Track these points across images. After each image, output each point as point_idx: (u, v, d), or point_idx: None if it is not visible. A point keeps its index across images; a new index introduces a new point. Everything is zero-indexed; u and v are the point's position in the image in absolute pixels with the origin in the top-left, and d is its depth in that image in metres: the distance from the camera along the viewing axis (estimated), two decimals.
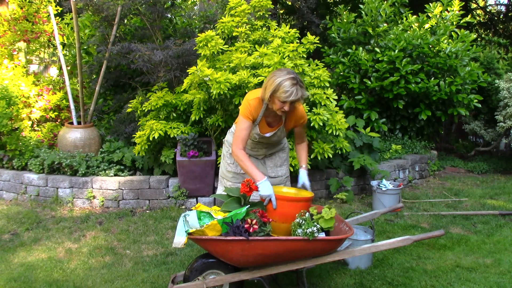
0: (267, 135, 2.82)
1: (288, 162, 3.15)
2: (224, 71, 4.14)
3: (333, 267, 3.27)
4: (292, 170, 4.30)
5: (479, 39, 9.22)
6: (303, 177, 2.89)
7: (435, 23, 6.39)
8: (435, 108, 6.29)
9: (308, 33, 4.83)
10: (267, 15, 4.92)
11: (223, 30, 4.75)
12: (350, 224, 2.69)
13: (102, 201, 4.61)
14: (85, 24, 6.00)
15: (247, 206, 2.52)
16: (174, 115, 4.69)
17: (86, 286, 3.01)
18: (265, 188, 2.52)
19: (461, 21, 6.36)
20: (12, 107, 5.07)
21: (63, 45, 6.19)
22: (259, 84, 4.08)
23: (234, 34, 4.74)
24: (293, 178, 4.81)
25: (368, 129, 5.57)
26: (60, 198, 4.66)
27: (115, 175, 4.76)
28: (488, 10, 12.37)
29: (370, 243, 3.05)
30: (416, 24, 6.30)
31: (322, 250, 2.49)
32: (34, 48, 6.22)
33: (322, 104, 4.35)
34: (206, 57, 4.42)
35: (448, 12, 6.37)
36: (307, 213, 2.54)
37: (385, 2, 6.20)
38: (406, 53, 5.97)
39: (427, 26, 6.37)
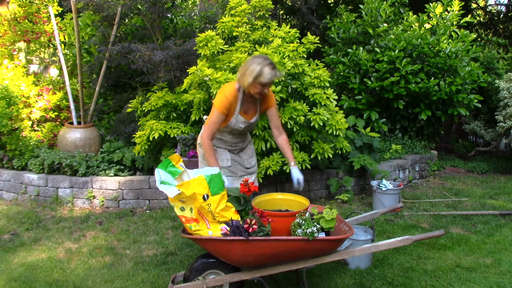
0: (253, 120, 3.01)
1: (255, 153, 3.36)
2: (224, 71, 4.14)
3: (333, 267, 3.27)
4: None
5: (479, 39, 9.22)
6: (296, 173, 3.07)
7: (435, 23, 6.39)
8: (435, 108, 6.29)
9: (308, 33, 4.83)
10: (267, 15, 4.92)
11: (223, 30, 4.75)
12: (350, 224, 2.69)
13: (102, 201, 4.62)
14: (86, 23, 6.00)
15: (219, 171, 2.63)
16: (174, 115, 4.69)
17: (86, 286, 3.02)
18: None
19: (461, 21, 6.36)
20: (12, 107, 5.07)
21: (64, 44, 6.19)
22: None
23: (234, 34, 4.74)
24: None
25: (368, 129, 5.57)
26: (60, 198, 4.66)
27: (115, 175, 4.76)
28: (488, 10, 12.37)
29: (370, 243, 3.05)
30: (416, 24, 6.31)
31: (322, 250, 2.49)
32: (34, 48, 6.22)
33: (322, 104, 4.35)
34: (206, 57, 4.42)
35: (448, 12, 6.37)
36: (307, 213, 2.54)
37: (385, 2, 6.20)
38: (406, 53, 5.97)
39: (427, 26, 6.37)
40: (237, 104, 2.90)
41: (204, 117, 3.42)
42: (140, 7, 5.34)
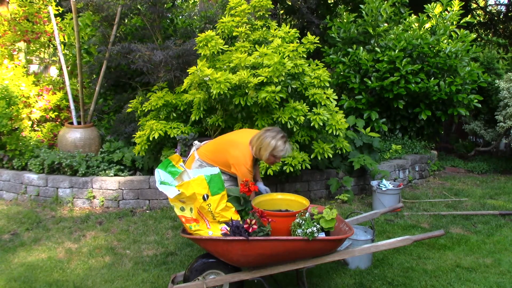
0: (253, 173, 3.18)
1: None
2: (224, 71, 4.14)
3: (333, 267, 3.27)
4: (292, 170, 4.31)
5: (479, 39, 9.22)
6: (262, 186, 3.18)
7: (435, 23, 6.39)
8: (435, 108, 6.29)
9: (308, 33, 4.83)
10: (267, 15, 4.92)
11: (223, 30, 4.75)
12: (350, 224, 2.69)
13: (102, 201, 4.61)
14: (86, 23, 6.00)
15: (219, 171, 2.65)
16: (174, 115, 4.68)
17: (86, 286, 3.02)
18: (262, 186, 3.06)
19: (461, 21, 6.36)
20: (12, 107, 5.07)
21: (64, 44, 6.19)
22: (259, 84, 4.08)
23: (234, 34, 4.74)
24: (293, 179, 4.79)
25: (368, 129, 5.57)
26: (60, 198, 4.66)
27: (115, 175, 4.76)
28: (488, 10, 12.37)
29: (370, 243, 3.05)
30: (416, 24, 6.30)
31: (322, 250, 2.49)
32: (34, 48, 6.22)
33: (322, 104, 4.35)
34: (206, 57, 4.42)
35: (448, 12, 6.37)
36: (307, 213, 2.54)
37: (386, 2, 6.20)
38: (406, 53, 5.97)
39: (427, 26, 6.37)
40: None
41: (195, 142, 3.43)
42: (140, 7, 5.34)
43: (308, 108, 4.33)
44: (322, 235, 2.45)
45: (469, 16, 6.86)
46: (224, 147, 3.08)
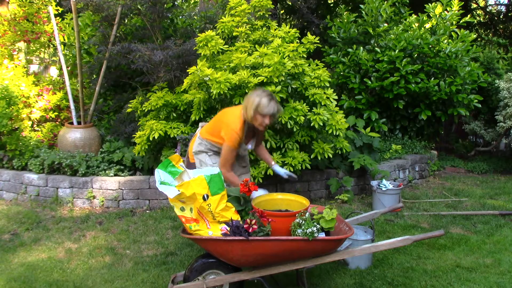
0: (249, 146, 3.24)
1: None
2: (224, 71, 4.14)
3: (333, 267, 3.27)
4: (292, 170, 4.31)
5: (479, 39, 9.22)
6: (281, 169, 3.28)
7: (435, 23, 6.39)
8: (435, 108, 6.29)
9: (308, 33, 4.83)
10: (267, 15, 4.92)
11: (223, 30, 4.75)
12: (350, 224, 2.69)
13: (102, 201, 4.62)
14: (86, 23, 6.00)
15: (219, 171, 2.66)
16: (174, 115, 4.69)
17: (86, 286, 3.02)
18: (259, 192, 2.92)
19: (461, 21, 6.36)
20: (12, 107, 5.07)
21: (64, 44, 6.19)
22: (259, 84, 4.08)
23: (234, 34, 4.74)
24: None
25: (368, 129, 5.57)
26: (60, 198, 4.66)
27: (115, 175, 4.76)
28: (488, 10, 12.37)
29: (370, 243, 3.05)
30: (416, 24, 6.30)
31: (322, 250, 2.49)
32: (34, 48, 6.22)
33: (322, 104, 4.35)
34: (206, 57, 4.42)
35: (448, 12, 6.37)
36: (307, 213, 2.54)
37: (386, 2, 6.20)
38: (406, 53, 5.97)
39: (427, 26, 6.37)
40: (243, 136, 3.03)
41: (201, 123, 3.46)
42: (140, 7, 5.33)
43: (308, 108, 4.33)
44: (322, 235, 2.45)
45: (469, 16, 6.85)
46: (220, 117, 3.14)
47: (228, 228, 2.48)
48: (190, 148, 3.30)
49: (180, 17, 6.23)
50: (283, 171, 3.26)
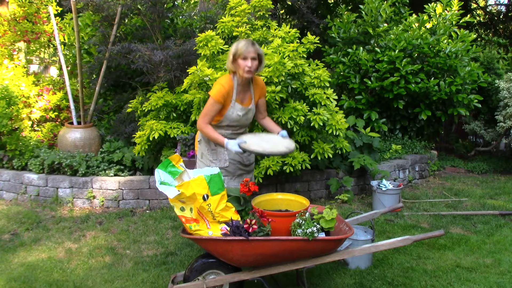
0: (250, 106, 3.06)
1: None
2: (224, 71, 4.14)
3: (333, 267, 3.27)
4: (292, 170, 4.31)
5: (479, 39, 9.22)
6: (287, 137, 3.04)
7: (435, 23, 6.39)
8: (435, 108, 6.29)
9: (308, 33, 4.83)
10: (267, 15, 4.92)
11: (223, 30, 4.75)
12: (350, 224, 2.69)
13: (102, 201, 4.62)
14: (86, 23, 6.00)
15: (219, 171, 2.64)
16: (174, 115, 4.69)
17: (86, 286, 3.02)
18: (231, 145, 2.82)
19: (461, 21, 6.36)
20: (12, 107, 5.07)
21: (64, 44, 6.19)
22: None
23: (234, 34, 4.74)
24: (293, 179, 4.77)
25: (368, 129, 5.57)
26: (60, 198, 4.66)
27: (115, 175, 4.76)
28: (488, 10, 12.37)
29: (370, 243, 3.05)
30: (416, 24, 6.30)
31: (322, 250, 2.49)
32: (34, 48, 6.22)
33: (322, 104, 4.35)
34: (206, 57, 4.42)
35: (448, 12, 6.37)
36: (307, 213, 2.54)
37: (386, 2, 6.20)
38: (406, 53, 5.97)
39: (427, 26, 6.37)
40: (233, 93, 2.95)
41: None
42: (140, 7, 5.33)
43: (308, 108, 4.33)
44: (322, 235, 2.45)
45: (469, 16, 6.85)
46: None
47: (228, 228, 2.48)
48: (196, 136, 3.28)
49: (180, 17, 6.23)
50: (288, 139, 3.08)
